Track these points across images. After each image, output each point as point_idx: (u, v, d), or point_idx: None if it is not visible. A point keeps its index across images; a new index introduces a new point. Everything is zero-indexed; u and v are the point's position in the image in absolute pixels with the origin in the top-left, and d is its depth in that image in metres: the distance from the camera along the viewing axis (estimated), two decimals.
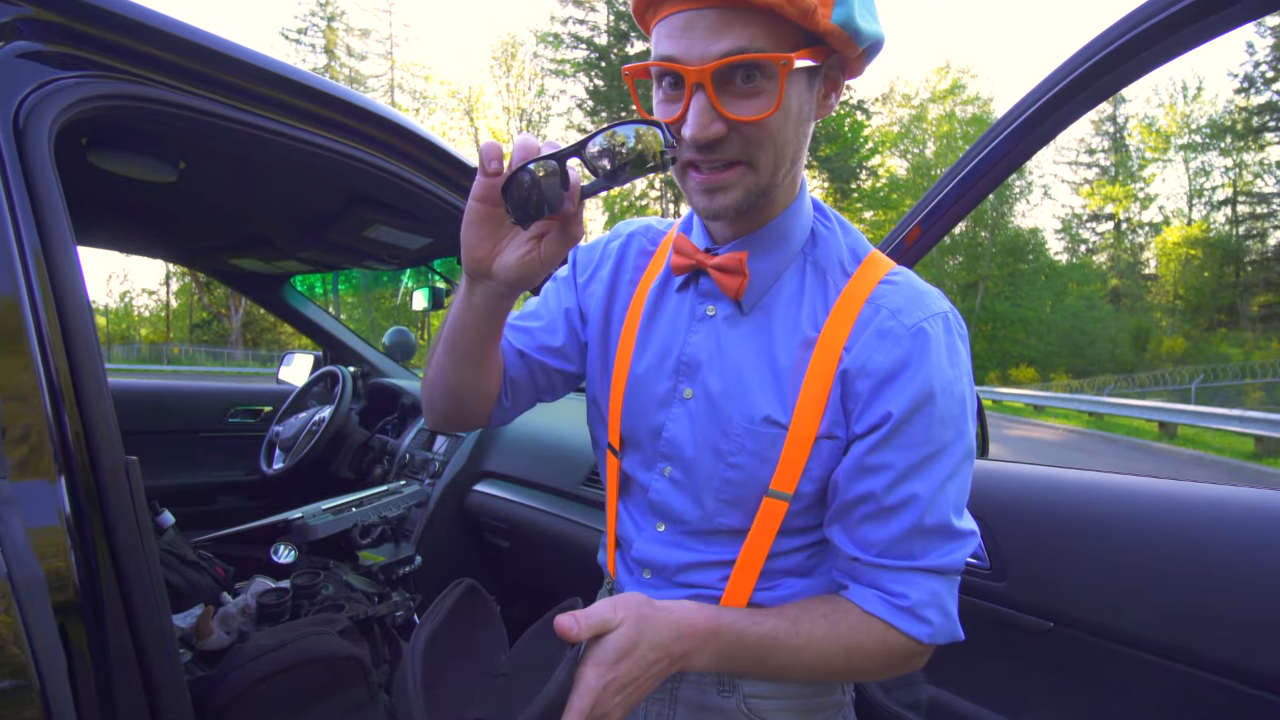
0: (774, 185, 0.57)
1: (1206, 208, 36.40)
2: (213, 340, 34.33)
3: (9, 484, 0.54)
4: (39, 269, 0.64)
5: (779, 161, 0.55)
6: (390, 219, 1.40)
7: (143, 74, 0.79)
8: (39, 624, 0.52)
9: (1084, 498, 0.82)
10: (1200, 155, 35.62)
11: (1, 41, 0.69)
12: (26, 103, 0.69)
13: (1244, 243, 34.02)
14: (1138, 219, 38.88)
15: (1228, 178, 34.79)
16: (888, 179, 34.80)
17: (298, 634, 0.90)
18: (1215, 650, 0.67)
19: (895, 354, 0.56)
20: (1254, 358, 21.58)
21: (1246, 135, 32.29)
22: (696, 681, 0.67)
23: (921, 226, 0.98)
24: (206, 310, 34.93)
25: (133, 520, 0.66)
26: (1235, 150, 33.52)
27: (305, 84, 0.94)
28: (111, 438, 0.65)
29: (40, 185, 0.67)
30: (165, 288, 35.85)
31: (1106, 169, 37.94)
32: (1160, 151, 36.65)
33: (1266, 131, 31.66)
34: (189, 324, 36.24)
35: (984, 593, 0.89)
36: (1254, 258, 33.61)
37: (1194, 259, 34.77)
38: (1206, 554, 0.69)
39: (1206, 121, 33.99)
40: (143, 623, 0.65)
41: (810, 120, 0.57)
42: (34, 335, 0.61)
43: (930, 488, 0.55)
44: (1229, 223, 34.90)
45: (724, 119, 0.52)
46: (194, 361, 29.30)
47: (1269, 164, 32.75)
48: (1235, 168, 34.17)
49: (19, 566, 0.52)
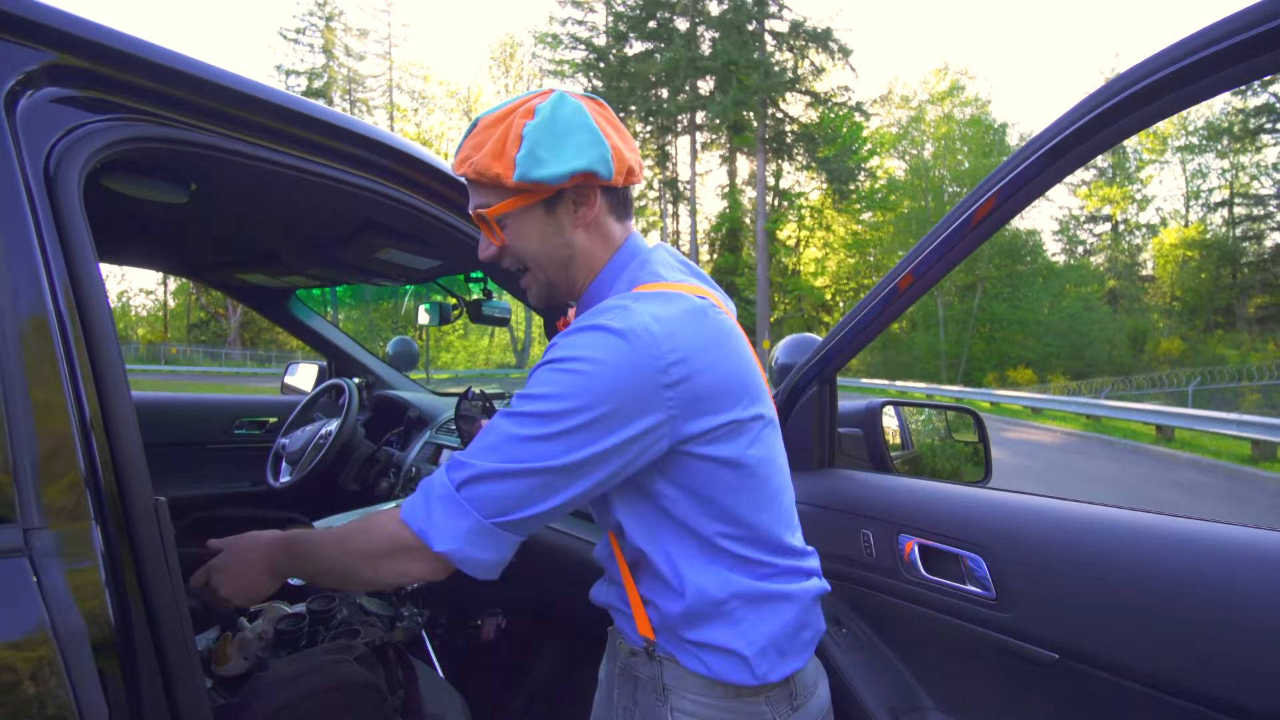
0: (555, 280, 0.78)
1: (1203, 209, 36.49)
2: (210, 340, 34.27)
3: (49, 533, 0.56)
4: (70, 312, 0.66)
5: (546, 264, 0.77)
6: (401, 243, 1.41)
7: (168, 115, 0.80)
8: (81, 673, 0.53)
9: (1090, 532, 0.84)
10: (1197, 157, 35.71)
11: (32, 88, 0.71)
12: (57, 148, 0.71)
13: (1241, 244, 34.09)
14: (1135, 220, 38.96)
15: (1224, 179, 34.87)
16: (886, 180, 34.84)
17: (317, 662, 0.92)
18: (1216, 688, 0.69)
19: None
20: (1251, 359, 21.65)
21: (1243, 137, 32.36)
22: (645, 685, 0.78)
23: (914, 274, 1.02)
24: (204, 310, 34.88)
25: (162, 559, 0.67)
26: (1232, 152, 33.57)
27: (322, 119, 0.96)
28: (143, 480, 0.67)
29: (71, 230, 0.69)
30: (163, 287, 35.79)
31: (1104, 170, 38.00)
32: (1157, 153, 36.71)
33: (1263, 134, 31.74)
34: (186, 324, 36.17)
35: (988, 623, 0.91)
36: (1251, 259, 33.69)
37: (1191, 260, 34.85)
38: (1211, 594, 0.71)
39: (1203, 123, 34.07)
40: (171, 657, 0.66)
41: (565, 230, 0.75)
42: (68, 383, 0.62)
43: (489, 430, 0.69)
44: (1226, 224, 34.98)
45: (491, 244, 0.78)
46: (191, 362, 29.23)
47: (1265, 166, 32.86)
48: (1232, 170, 34.24)
49: (62, 618, 0.53)
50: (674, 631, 0.74)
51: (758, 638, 0.73)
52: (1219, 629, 0.69)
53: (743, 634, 0.73)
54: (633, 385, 0.64)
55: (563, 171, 0.70)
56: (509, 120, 0.70)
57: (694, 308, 0.70)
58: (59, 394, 0.61)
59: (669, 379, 0.65)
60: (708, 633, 0.73)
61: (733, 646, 0.72)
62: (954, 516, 1.00)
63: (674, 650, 0.75)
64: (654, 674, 0.77)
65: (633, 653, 0.80)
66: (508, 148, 0.69)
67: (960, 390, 22.51)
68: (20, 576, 0.52)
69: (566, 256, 0.76)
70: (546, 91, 0.73)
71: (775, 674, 0.73)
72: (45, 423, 0.58)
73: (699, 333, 0.69)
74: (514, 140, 0.69)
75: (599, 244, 0.77)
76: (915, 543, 1.03)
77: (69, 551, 0.57)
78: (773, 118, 33.05)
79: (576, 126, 0.71)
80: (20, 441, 0.55)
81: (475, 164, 0.71)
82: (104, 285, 0.71)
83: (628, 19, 33.62)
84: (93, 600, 0.57)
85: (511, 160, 0.69)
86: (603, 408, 0.63)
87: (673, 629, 0.74)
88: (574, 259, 0.77)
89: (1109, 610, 0.79)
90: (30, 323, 0.61)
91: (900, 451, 1.52)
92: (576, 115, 0.71)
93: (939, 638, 1.00)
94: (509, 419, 0.66)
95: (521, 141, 0.68)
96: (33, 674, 0.51)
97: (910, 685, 1.04)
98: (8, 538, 0.53)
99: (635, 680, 0.79)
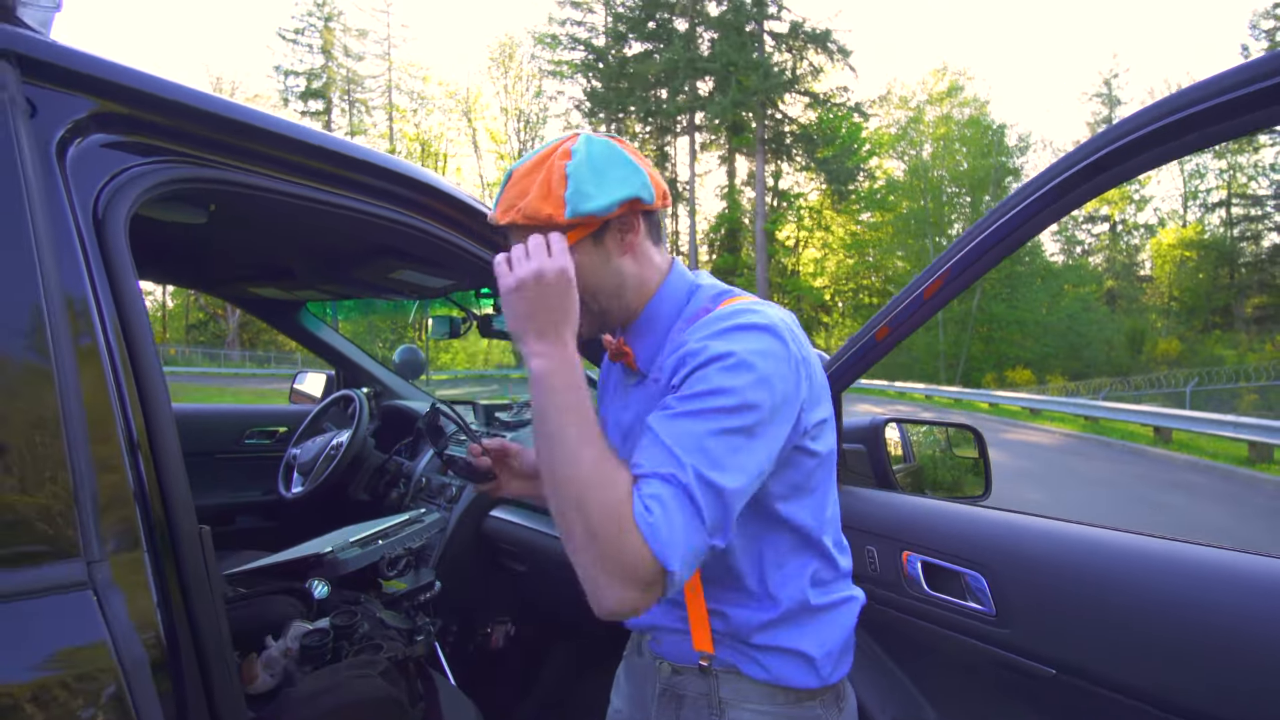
0: (608, 309, 0.80)
1: (1201, 210, 36.61)
2: (209, 341, 34.24)
3: (108, 564, 0.60)
4: (120, 348, 0.69)
5: (600, 294, 0.78)
6: (416, 265, 1.45)
7: (206, 157, 0.84)
8: (143, 695, 0.57)
9: (1087, 553, 0.87)
10: (1195, 157, 35.77)
11: (81, 136, 0.74)
12: (105, 191, 0.74)
13: (1238, 245, 34.20)
14: (1133, 221, 39.06)
15: (1222, 180, 34.96)
16: (885, 181, 34.90)
17: (341, 677, 0.96)
18: (1210, 705, 0.72)
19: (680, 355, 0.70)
20: (1248, 360, 21.73)
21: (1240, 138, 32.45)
22: (693, 702, 0.79)
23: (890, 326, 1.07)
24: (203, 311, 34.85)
25: (206, 584, 0.71)
26: (1230, 153, 33.69)
27: (347, 154, 0.99)
28: (188, 505, 0.70)
29: (119, 271, 0.72)
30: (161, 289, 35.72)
31: None
32: None
33: (1260, 134, 31.87)
34: (185, 325, 36.14)
35: (988, 638, 0.95)
36: (1248, 260, 33.79)
37: (1189, 261, 34.95)
38: (1207, 615, 0.74)
39: None
40: (214, 676, 0.70)
41: (613, 258, 0.78)
42: (120, 419, 0.66)
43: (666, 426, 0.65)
44: (1223, 225, 35.09)
45: None
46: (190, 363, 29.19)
47: (1263, 167, 32.98)
48: (1230, 170, 34.34)
49: (124, 644, 0.57)
50: (742, 639, 0.76)
51: (826, 639, 0.77)
52: (1213, 649, 0.73)
53: (813, 636, 0.76)
54: (788, 374, 0.68)
55: (611, 202, 0.74)
56: (548, 163, 0.74)
57: (791, 314, 0.77)
58: (114, 430, 0.64)
59: (805, 370, 0.71)
60: (782, 636, 0.75)
61: (803, 649, 0.75)
62: (956, 535, 1.03)
63: (736, 660, 0.77)
64: (707, 689, 0.78)
65: (676, 671, 0.81)
66: (554, 188, 0.72)
67: (959, 391, 22.56)
68: (87, 608, 0.56)
69: (617, 284, 0.79)
70: (572, 136, 0.77)
71: (836, 675, 0.77)
72: (102, 459, 0.62)
73: (797, 329, 0.75)
74: (559, 181, 0.72)
75: (646, 268, 0.81)
76: (918, 559, 1.07)
77: (126, 580, 0.61)
78: (772, 118, 33.11)
79: (613, 161, 0.75)
80: (82, 480, 0.59)
81: (523, 209, 0.73)
82: (148, 320, 0.75)
83: (627, 20, 33.66)
84: (148, 626, 0.61)
85: (561, 199, 0.72)
86: (779, 398, 0.66)
87: (741, 637, 0.76)
88: (625, 285, 0.80)
89: (1105, 628, 0.82)
90: (85, 360, 0.64)
91: (903, 464, 1.55)
92: (609, 150, 0.76)
93: (941, 652, 1.04)
94: (699, 419, 0.63)
95: (567, 181, 0.72)
96: (102, 698, 0.55)
97: (914, 697, 1.08)
98: (74, 572, 0.57)
99: (680, 700, 0.80)
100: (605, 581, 0.60)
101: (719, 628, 0.78)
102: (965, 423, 1.55)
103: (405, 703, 0.98)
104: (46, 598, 0.55)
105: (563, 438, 0.64)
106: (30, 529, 0.56)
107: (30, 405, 0.59)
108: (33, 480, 0.56)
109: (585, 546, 0.60)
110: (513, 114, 39.41)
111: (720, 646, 0.78)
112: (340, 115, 37.89)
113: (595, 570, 0.60)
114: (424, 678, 1.16)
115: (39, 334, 0.61)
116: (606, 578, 0.59)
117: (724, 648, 0.78)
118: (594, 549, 0.60)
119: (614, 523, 0.59)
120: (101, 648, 0.57)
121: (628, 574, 0.59)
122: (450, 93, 41.20)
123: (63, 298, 0.64)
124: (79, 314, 0.65)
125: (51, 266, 0.63)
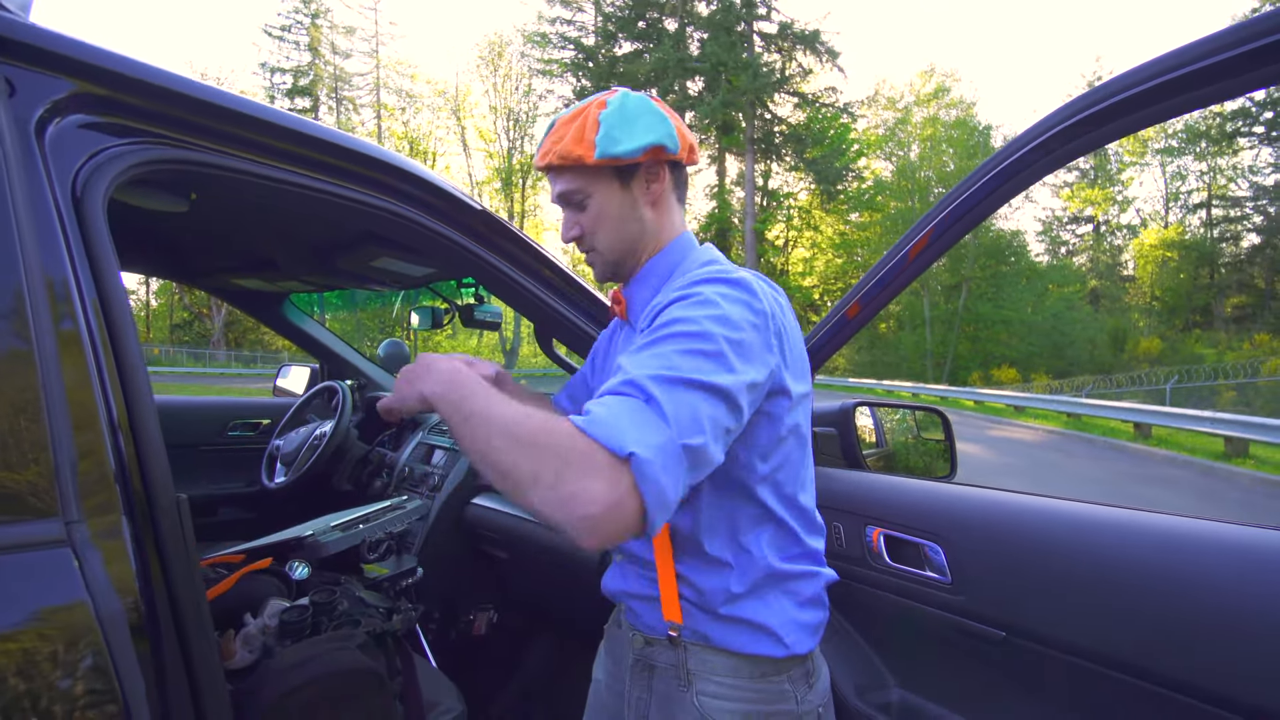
0: (623, 258, 0.87)
1: (1182, 211, 37.21)
2: (194, 341, 33.86)
3: (86, 526, 0.62)
4: (99, 321, 0.71)
5: (615, 243, 0.86)
6: (396, 252, 1.47)
7: (184, 139, 0.86)
8: (121, 651, 0.59)
9: (1037, 521, 0.92)
10: (1176, 159, 36.39)
11: (59, 116, 0.76)
12: (83, 170, 0.76)
13: (1218, 245, 34.80)
14: (1116, 221, 39.65)
15: (1202, 182, 35.55)
16: (873, 181, 35.17)
17: (320, 649, 0.98)
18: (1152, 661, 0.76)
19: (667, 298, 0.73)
20: (1227, 358, 22.11)
21: (1220, 140, 33.02)
22: (663, 673, 0.81)
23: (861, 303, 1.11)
24: (188, 310, 34.45)
25: (184, 550, 0.73)
26: (1210, 155, 34.26)
27: (326, 139, 1.01)
28: (165, 475, 0.72)
29: (97, 246, 0.74)
30: (144, 287, 35.30)
31: (1086, 172, 38.61)
32: (1137, 155, 37.37)
33: (1239, 136, 32.41)
34: (169, 324, 35.71)
35: (945, 605, 0.99)
36: (1227, 260, 34.41)
37: (1170, 261, 35.50)
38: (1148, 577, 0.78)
39: (1182, 126, 34.66)
40: (192, 640, 0.72)
41: (638, 205, 0.85)
42: (99, 387, 0.68)
43: (627, 360, 0.65)
44: (1204, 226, 35.68)
45: (576, 226, 0.87)
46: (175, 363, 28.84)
47: (1242, 168, 33.55)
48: (1210, 172, 34.92)
49: (102, 601, 0.59)
50: (710, 609, 0.78)
51: (792, 614, 0.78)
52: (1155, 609, 0.77)
53: (779, 610, 0.78)
54: (754, 321, 0.69)
55: (637, 146, 0.80)
56: (584, 113, 0.81)
57: (769, 282, 0.79)
58: (91, 398, 0.66)
59: (775, 326, 0.72)
60: (748, 608, 0.77)
61: (767, 623, 0.77)
62: (916, 508, 1.07)
63: (705, 630, 0.79)
64: (676, 660, 0.80)
65: (648, 642, 0.83)
66: (586, 133, 0.79)
67: (945, 389, 22.78)
68: (65, 565, 0.58)
69: (638, 233, 0.86)
70: (612, 90, 0.84)
71: (802, 646, 0.78)
72: (81, 425, 0.64)
73: (783, 300, 0.79)
74: (592, 126, 0.80)
75: (664, 223, 0.88)
76: (881, 533, 1.11)
77: (104, 542, 0.63)
78: (761, 119, 33.25)
79: (644, 110, 0.82)
80: (61, 443, 0.61)
81: (558, 152, 0.80)
82: (127, 296, 0.77)
83: (617, 19, 33.67)
84: (126, 585, 0.63)
85: (592, 142, 0.79)
86: (742, 335, 0.67)
87: (709, 607, 0.78)
88: (644, 234, 0.86)
89: (1052, 591, 0.87)
90: (65, 333, 0.66)
91: (875, 449, 1.60)
92: (642, 101, 0.83)
93: (901, 620, 1.08)
94: (661, 343, 0.64)
95: (599, 126, 0.79)
96: (80, 650, 0.57)
97: (875, 665, 1.12)
98: (52, 530, 0.59)
99: (651, 670, 0.82)
100: (569, 487, 0.54)
101: (688, 596, 0.79)
102: (932, 406, 1.59)
103: (383, 674, 1.01)
104: (23, 554, 0.57)
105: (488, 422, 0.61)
106: (5, 488, 0.58)
107: (8, 372, 0.61)
108: (9, 440, 0.59)
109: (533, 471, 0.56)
110: (502, 113, 39.32)
111: (689, 616, 0.79)
112: (328, 113, 37.62)
113: (552, 483, 0.55)
114: (403, 654, 1.18)
115: (19, 307, 0.63)
116: (566, 484, 0.55)
117: (691, 618, 0.79)
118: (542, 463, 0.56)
119: (553, 437, 0.56)
120: (81, 607, 0.59)
121: (584, 467, 0.55)
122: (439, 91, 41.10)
123: (41, 273, 0.66)
124: (58, 288, 0.67)
125: (31, 240, 0.65)
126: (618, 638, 0.93)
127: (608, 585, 0.90)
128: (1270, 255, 31.78)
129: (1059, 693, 0.87)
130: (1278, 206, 32.23)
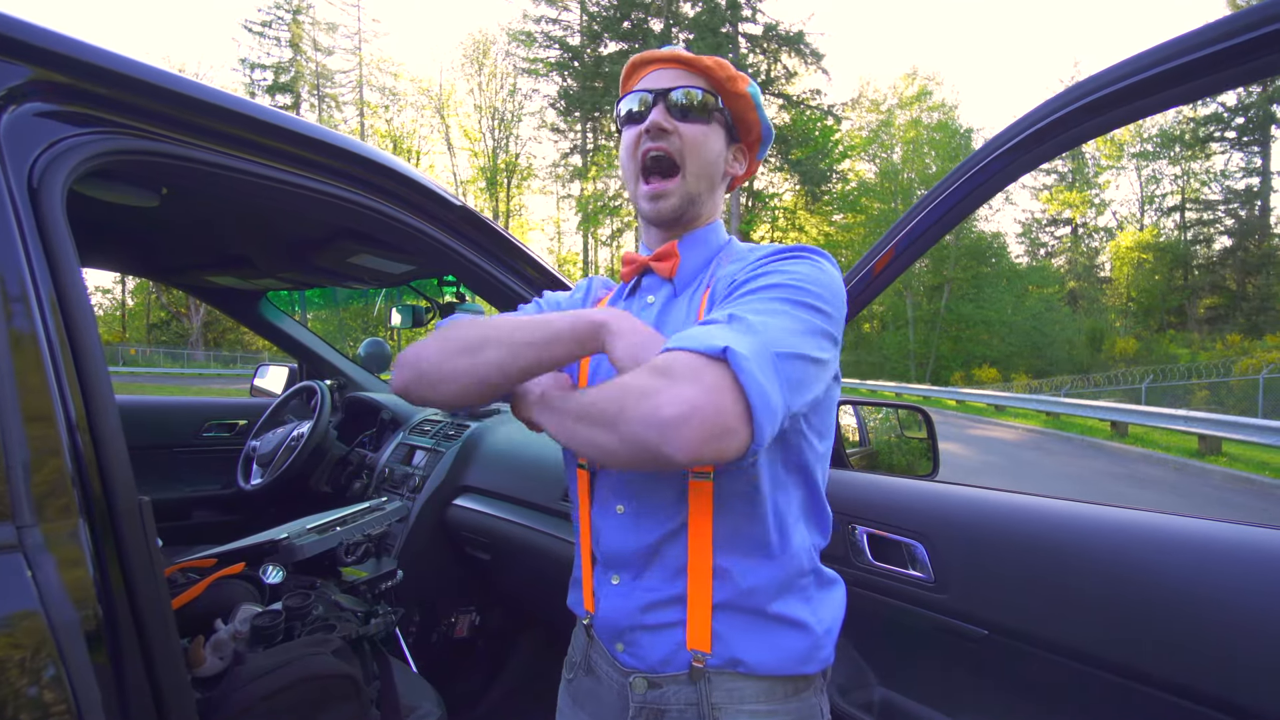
0: (697, 194, 0.79)
1: (1157, 214, 38.00)
2: (172, 341, 33.23)
3: (41, 530, 0.59)
4: (56, 319, 0.68)
5: (701, 177, 0.78)
6: (374, 249, 1.44)
7: (147, 129, 0.83)
8: (75, 660, 0.57)
9: (1018, 520, 0.92)
10: (1151, 163, 37.15)
11: (15, 104, 0.73)
12: (40, 161, 0.73)
13: (1191, 247, 35.58)
14: (1093, 224, 40.38)
15: (1176, 185, 36.35)
16: (857, 183, 35.47)
17: (294, 654, 0.95)
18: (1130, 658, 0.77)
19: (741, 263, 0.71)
20: (1200, 358, 22.61)
21: (1194, 145, 33.82)
22: (677, 718, 0.70)
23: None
24: (165, 310, 33.81)
25: (146, 555, 0.70)
26: (1184, 159, 35.05)
27: (296, 131, 0.99)
28: (127, 479, 0.70)
29: (55, 240, 0.71)
30: (120, 286, 34.58)
31: (1064, 175, 39.29)
32: (1114, 159, 38.11)
33: (1212, 141, 33.20)
34: (146, 324, 35.01)
35: (928, 604, 0.98)
36: (1200, 262, 35.19)
37: (1146, 263, 36.25)
38: (1127, 573, 0.79)
39: (1157, 131, 35.43)
40: (155, 647, 0.69)
41: (721, 164, 0.81)
42: (55, 387, 0.65)
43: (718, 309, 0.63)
44: (1178, 228, 36.47)
45: (676, 134, 0.77)
46: (152, 363, 28.28)
47: (1214, 172, 34.32)
48: (1183, 176, 35.71)
49: (55, 608, 0.56)
50: (756, 609, 0.69)
51: (825, 616, 0.72)
52: (1137, 606, 0.77)
53: (819, 608, 0.72)
54: (841, 293, 0.68)
55: (766, 123, 0.83)
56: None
57: None
58: (47, 398, 0.63)
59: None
60: (793, 604, 0.70)
61: (807, 620, 0.70)
62: (900, 508, 1.07)
63: (739, 645, 0.69)
64: (695, 698, 0.69)
65: (654, 684, 0.71)
66: (744, 84, 0.79)
67: (928, 389, 23.04)
68: (16, 570, 0.55)
69: (710, 186, 0.81)
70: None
71: (831, 655, 0.72)
72: (35, 426, 0.61)
73: None
74: (746, 81, 0.80)
75: (719, 201, 0.86)
76: (865, 531, 1.11)
77: (59, 547, 0.60)
78: None
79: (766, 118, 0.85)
80: (12, 444, 0.58)
81: (714, 59, 0.78)
82: (87, 292, 0.74)
83: (602, 19, 33.59)
84: (82, 592, 0.60)
85: (747, 93, 0.80)
86: (834, 305, 0.65)
87: (756, 605, 0.69)
88: (714, 191, 0.83)
89: (1033, 589, 0.87)
90: (18, 330, 0.64)
91: (858, 448, 1.60)
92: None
93: (884, 619, 1.07)
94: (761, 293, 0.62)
95: (750, 83, 0.81)
96: (30, 660, 0.55)
97: (859, 664, 1.11)
98: (3, 534, 0.56)
99: (660, 716, 0.71)
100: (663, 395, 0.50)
101: (728, 598, 0.69)
102: (915, 405, 1.60)
103: (358, 679, 0.98)
104: None
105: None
106: None
107: None
108: None
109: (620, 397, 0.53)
110: (487, 111, 39.08)
111: (724, 632, 0.69)
112: (310, 110, 37.10)
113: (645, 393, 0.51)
114: (380, 658, 1.15)
115: None
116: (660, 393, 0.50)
117: (729, 632, 0.69)
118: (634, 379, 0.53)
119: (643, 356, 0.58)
120: (34, 617, 0.56)
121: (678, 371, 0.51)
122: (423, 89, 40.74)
123: None
124: (10, 284, 0.65)
125: None
126: (591, 689, 0.78)
127: (604, 616, 0.75)
128: (1241, 258, 32.55)
129: (1041, 690, 0.87)
130: (1249, 210, 33.02)
